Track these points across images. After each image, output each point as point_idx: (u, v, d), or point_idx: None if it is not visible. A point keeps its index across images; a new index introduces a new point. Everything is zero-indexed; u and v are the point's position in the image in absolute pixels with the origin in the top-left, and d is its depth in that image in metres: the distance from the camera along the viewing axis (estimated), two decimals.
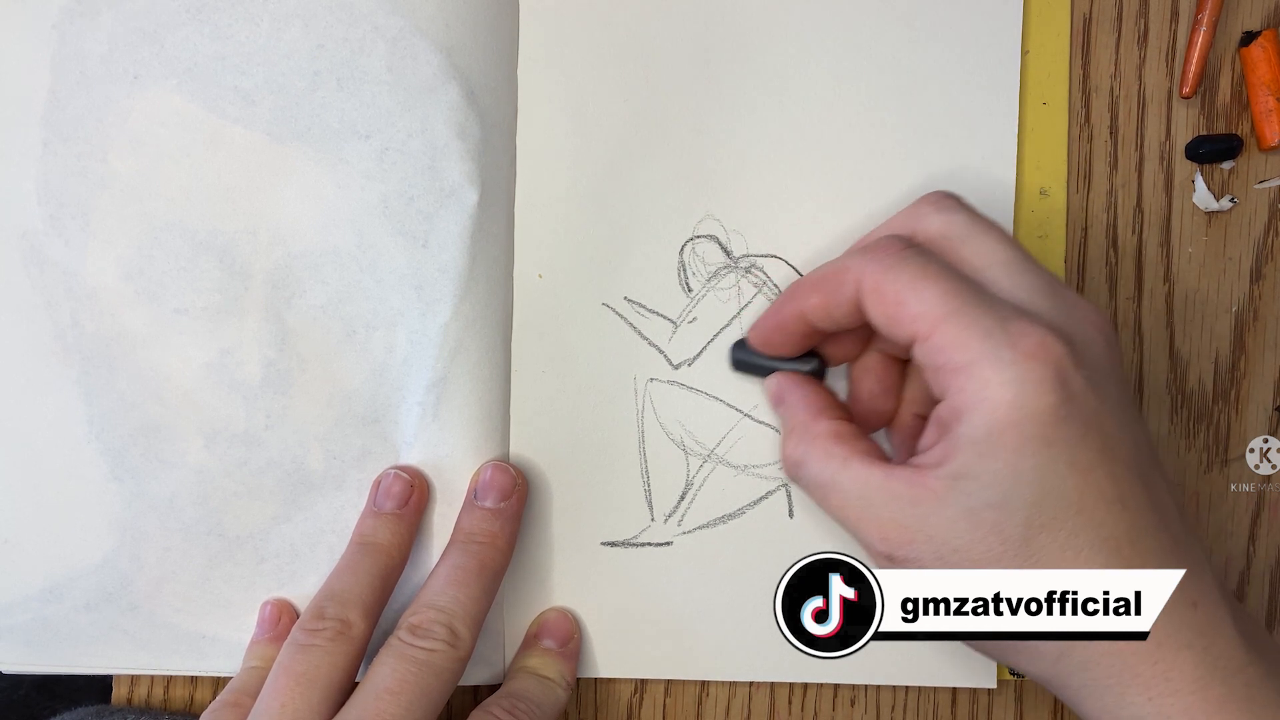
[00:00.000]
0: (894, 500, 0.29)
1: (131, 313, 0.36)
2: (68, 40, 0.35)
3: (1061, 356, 0.28)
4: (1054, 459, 0.27)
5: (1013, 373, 0.27)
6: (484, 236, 0.36)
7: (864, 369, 0.35)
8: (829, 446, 0.31)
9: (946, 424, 0.29)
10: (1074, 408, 0.27)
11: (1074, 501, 0.27)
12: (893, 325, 0.30)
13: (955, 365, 0.28)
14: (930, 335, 0.29)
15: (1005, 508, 0.27)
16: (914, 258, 0.30)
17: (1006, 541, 0.28)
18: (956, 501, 0.28)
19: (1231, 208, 0.38)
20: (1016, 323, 0.28)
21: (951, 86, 0.37)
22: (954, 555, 0.28)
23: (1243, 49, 0.37)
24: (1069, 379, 0.28)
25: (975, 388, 0.28)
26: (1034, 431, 0.27)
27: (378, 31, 0.35)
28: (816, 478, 0.31)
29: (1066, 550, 0.28)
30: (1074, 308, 0.30)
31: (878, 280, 0.30)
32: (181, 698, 0.39)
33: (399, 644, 0.32)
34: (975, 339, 0.28)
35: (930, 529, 0.28)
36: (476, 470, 0.36)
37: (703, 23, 0.37)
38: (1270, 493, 0.38)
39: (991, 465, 0.27)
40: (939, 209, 0.32)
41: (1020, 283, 0.30)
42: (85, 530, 0.37)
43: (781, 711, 0.38)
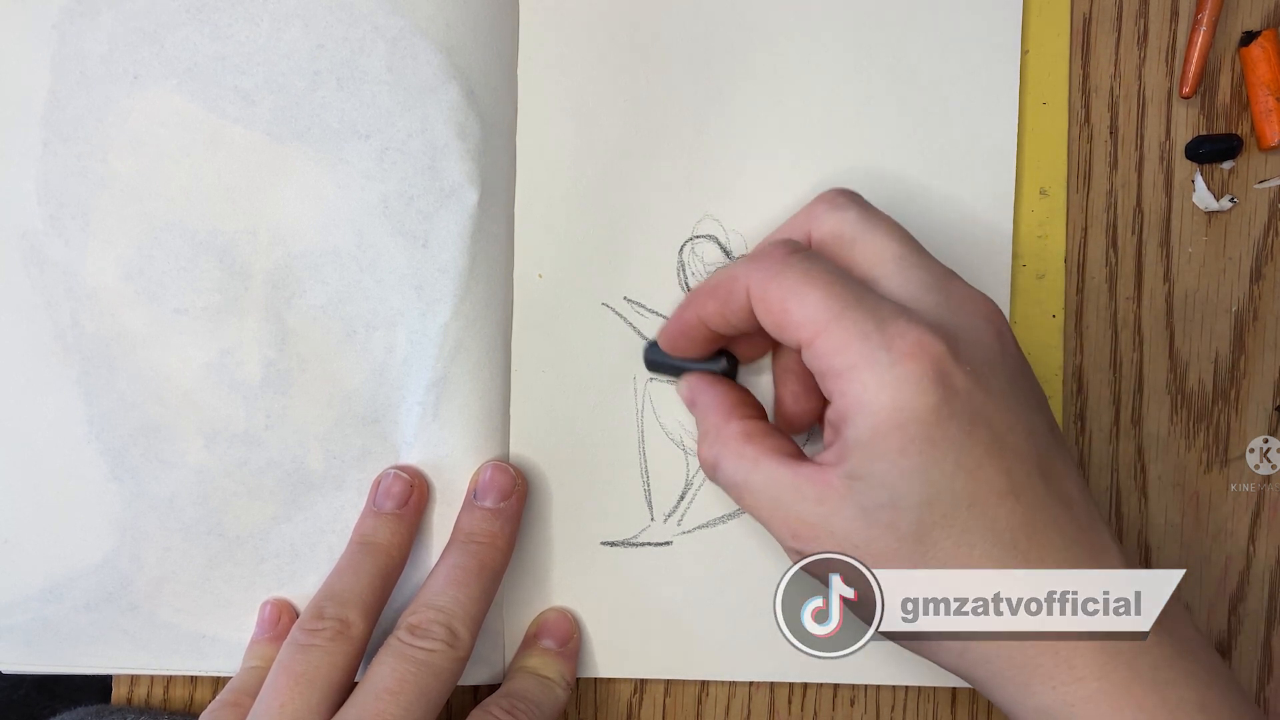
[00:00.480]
0: (801, 499, 0.29)
1: (131, 313, 0.36)
2: (68, 40, 0.35)
3: (940, 354, 0.28)
4: (940, 458, 0.27)
5: (890, 375, 0.27)
6: (484, 236, 0.36)
7: (785, 369, 0.35)
8: (740, 447, 0.31)
9: (836, 426, 0.29)
10: (957, 405, 0.28)
11: (964, 498, 0.28)
12: (780, 332, 0.30)
13: (837, 370, 0.28)
14: (813, 341, 0.29)
15: (896, 507, 0.28)
16: (798, 263, 0.30)
17: (901, 539, 0.28)
18: (853, 500, 0.28)
19: (1231, 208, 0.38)
20: (894, 323, 0.28)
21: (951, 86, 0.37)
22: (855, 551, 0.29)
23: (1243, 49, 0.37)
24: (950, 376, 0.28)
25: (856, 392, 0.28)
26: (917, 432, 0.27)
27: (378, 31, 0.35)
28: (730, 478, 0.32)
29: (960, 546, 0.28)
30: (962, 301, 0.30)
31: (763, 287, 0.30)
32: (181, 698, 0.39)
33: (398, 644, 0.32)
34: (854, 342, 0.28)
35: (833, 526, 0.29)
36: (476, 470, 0.36)
37: (703, 23, 0.37)
38: (1270, 493, 0.38)
39: (879, 467, 0.28)
40: (833, 207, 0.32)
41: (909, 277, 0.30)
42: (85, 530, 0.37)
43: (781, 711, 0.38)
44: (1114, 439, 0.38)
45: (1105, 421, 0.38)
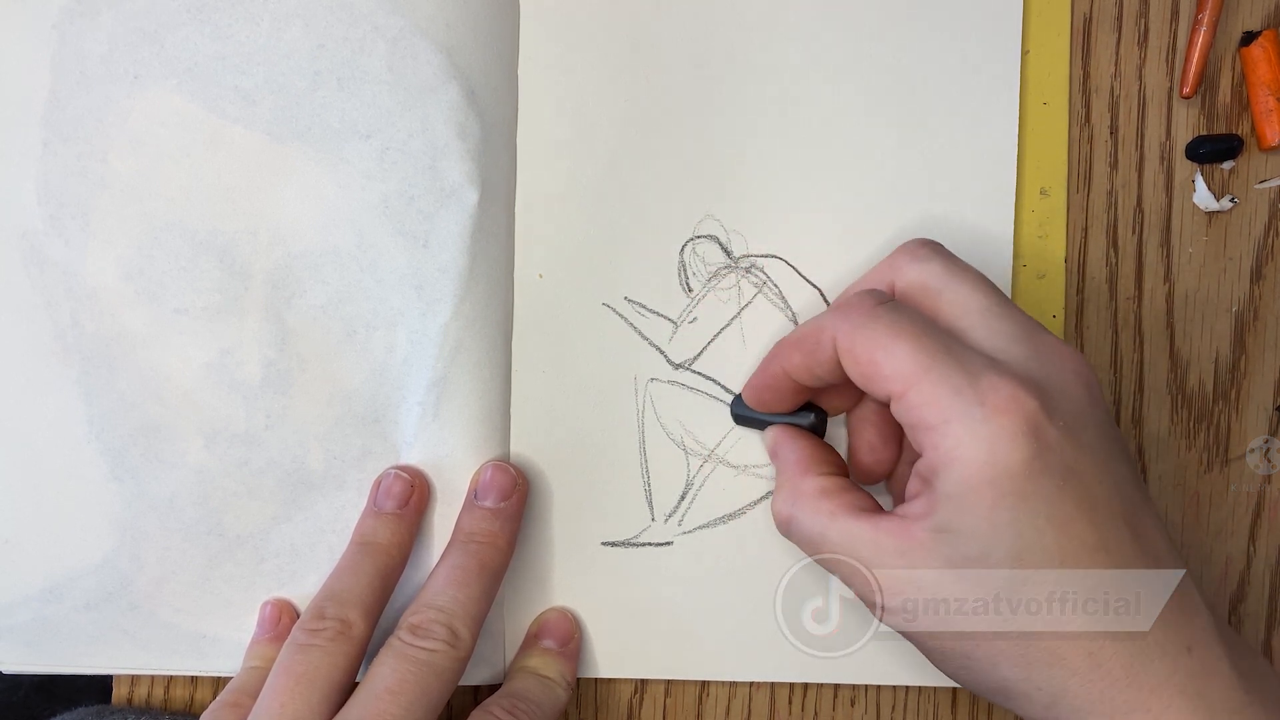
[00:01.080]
0: (882, 552, 0.29)
1: (131, 313, 0.36)
2: (68, 40, 0.35)
3: (1034, 410, 0.28)
4: (1032, 513, 0.27)
5: (984, 430, 0.27)
6: (484, 236, 0.36)
7: (862, 420, 0.35)
8: (816, 503, 0.31)
9: (926, 479, 0.29)
10: (1049, 460, 0.27)
11: (1055, 553, 0.27)
12: (869, 384, 0.30)
13: (929, 423, 0.28)
14: (904, 394, 0.29)
15: (986, 561, 0.28)
16: (885, 314, 0.30)
17: (992, 594, 0.28)
18: (942, 553, 0.28)
19: (1232, 208, 0.38)
20: (987, 377, 0.28)
21: (951, 87, 0.37)
22: (944, 605, 0.28)
23: (1243, 49, 0.37)
24: (1042, 431, 0.28)
25: (949, 446, 0.28)
26: (1009, 487, 0.27)
27: (378, 31, 0.35)
28: (807, 533, 0.32)
29: (1054, 602, 0.28)
30: (1051, 354, 0.30)
31: (850, 340, 0.30)
32: (181, 698, 0.39)
33: (399, 644, 0.32)
34: (946, 396, 0.28)
35: (919, 579, 0.29)
36: (477, 470, 0.36)
37: (703, 23, 0.37)
38: (1270, 493, 0.38)
39: (970, 520, 0.28)
40: (915, 258, 0.32)
41: (996, 329, 0.30)
42: (85, 530, 0.37)
43: (781, 711, 0.38)
44: None
45: None
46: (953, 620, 0.28)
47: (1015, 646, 0.28)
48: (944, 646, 0.29)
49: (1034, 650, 0.28)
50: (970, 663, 0.29)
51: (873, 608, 0.30)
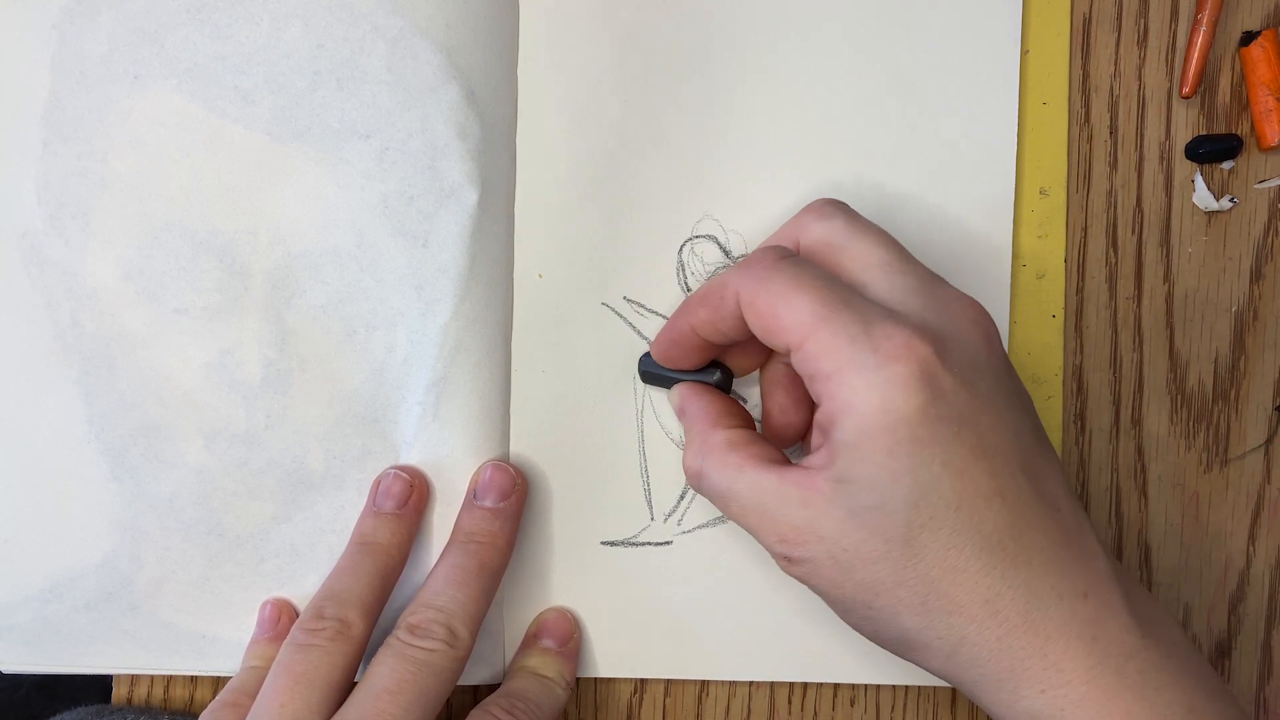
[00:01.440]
0: (787, 503, 0.29)
1: (131, 313, 0.36)
2: (68, 40, 0.35)
3: (927, 356, 0.28)
4: (927, 459, 0.27)
5: (878, 377, 0.28)
6: (484, 236, 0.36)
7: (773, 382, 0.35)
8: (724, 455, 0.31)
9: (824, 428, 0.29)
10: (944, 406, 0.28)
11: (951, 500, 0.28)
12: (770, 336, 0.30)
13: (825, 373, 0.28)
14: (802, 344, 0.29)
15: (884, 509, 0.28)
16: (787, 268, 0.30)
17: (890, 541, 0.28)
18: (841, 503, 0.28)
19: (1231, 208, 0.38)
20: (881, 325, 0.28)
21: (951, 86, 0.37)
22: (844, 554, 0.29)
23: (1243, 49, 0.37)
24: (936, 378, 0.28)
25: (844, 394, 0.28)
26: (904, 433, 0.27)
27: (378, 31, 0.35)
28: (715, 486, 0.31)
29: (950, 548, 0.28)
30: (950, 304, 0.30)
31: (753, 293, 0.30)
32: (181, 697, 0.39)
33: (398, 644, 0.32)
34: (842, 345, 0.28)
35: (821, 529, 0.29)
36: (476, 470, 0.36)
37: (702, 23, 0.37)
38: (1270, 493, 0.38)
39: (867, 469, 0.28)
40: (820, 216, 0.32)
41: (895, 283, 0.30)
42: (85, 530, 0.37)
43: (781, 711, 0.38)
44: (1114, 439, 0.38)
45: (1105, 421, 0.38)
46: (854, 570, 0.28)
47: (914, 595, 0.28)
48: (847, 597, 0.29)
49: (933, 598, 0.28)
50: (872, 613, 0.29)
51: (777, 559, 0.30)
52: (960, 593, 0.28)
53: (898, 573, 0.28)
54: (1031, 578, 0.28)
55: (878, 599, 0.29)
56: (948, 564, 0.28)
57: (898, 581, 0.28)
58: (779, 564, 0.31)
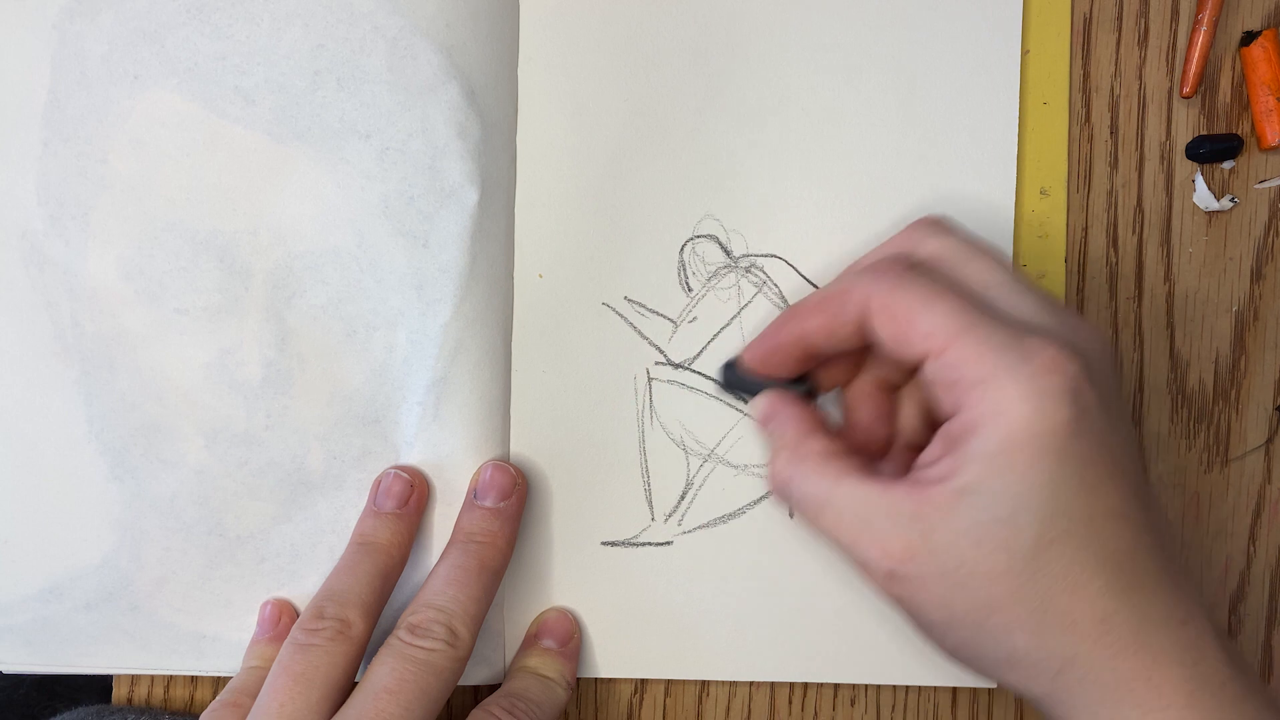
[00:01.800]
0: (893, 515, 0.29)
1: (131, 313, 0.36)
2: (68, 40, 0.35)
3: (1076, 372, 0.28)
4: (1067, 474, 0.27)
5: (1030, 387, 0.27)
6: (484, 236, 0.36)
7: (858, 397, 0.34)
8: (820, 464, 0.31)
9: (957, 438, 0.28)
10: (1087, 423, 0.27)
11: (1082, 517, 0.27)
12: (902, 343, 0.30)
13: (970, 380, 0.28)
14: (944, 351, 0.29)
15: (1014, 522, 0.27)
16: (920, 275, 0.30)
17: (1014, 555, 0.27)
18: (964, 515, 0.28)
19: (1232, 208, 0.38)
20: (1031, 338, 0.28)
21: (951, 86, 0.37)
22: (959, 570, 0.28)
23: (1243, 49, 0.37)
24: (1082, 394, 0.28)
25: (992, 401, 0.28)
26: (1050, 445, 0.27)
27: (378, 31, 0.35)
28: (809, 495, 0.31)
29: (1074, 565, 0.27)
30: (1078, 326, 0.30)
31: (886, 298, 0.30)
32: (181, 697, 0.39)
33: (398, 643, 0.32)
34: (990, 354, 0.28)
35: (934, 544, 0.28)
36: (476, 470, 0.36)
37: (703, 23, 0.37)
38: (1270, 493, 0.38)
39: (1004, 479, 0.27)
40: (934, 232, 0.32)
41: (1023, 301, 0.30)
42: (85, 530, 0.37)
43: (781, 711, 0.38)
44: None
45: None
46: (968, 585, 0.28)
47: (1031, 613, 0.28)
48: (955, 616, 0.29)
49: (1051, 615, 0.28)
50: (980, 632, 0.29)
51: (876, 575, 0.29)
52: (1078, 610, 0.28)
53: (1017, 589, 0.28)
54: (1143, 600, 0.28)
55: (991, 617, 0.28)
56: (1069, 580, 0.27)
57: (1015, 599, 0.28)
58: (875, 582, 0.30)
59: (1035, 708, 0.30)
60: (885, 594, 0.30)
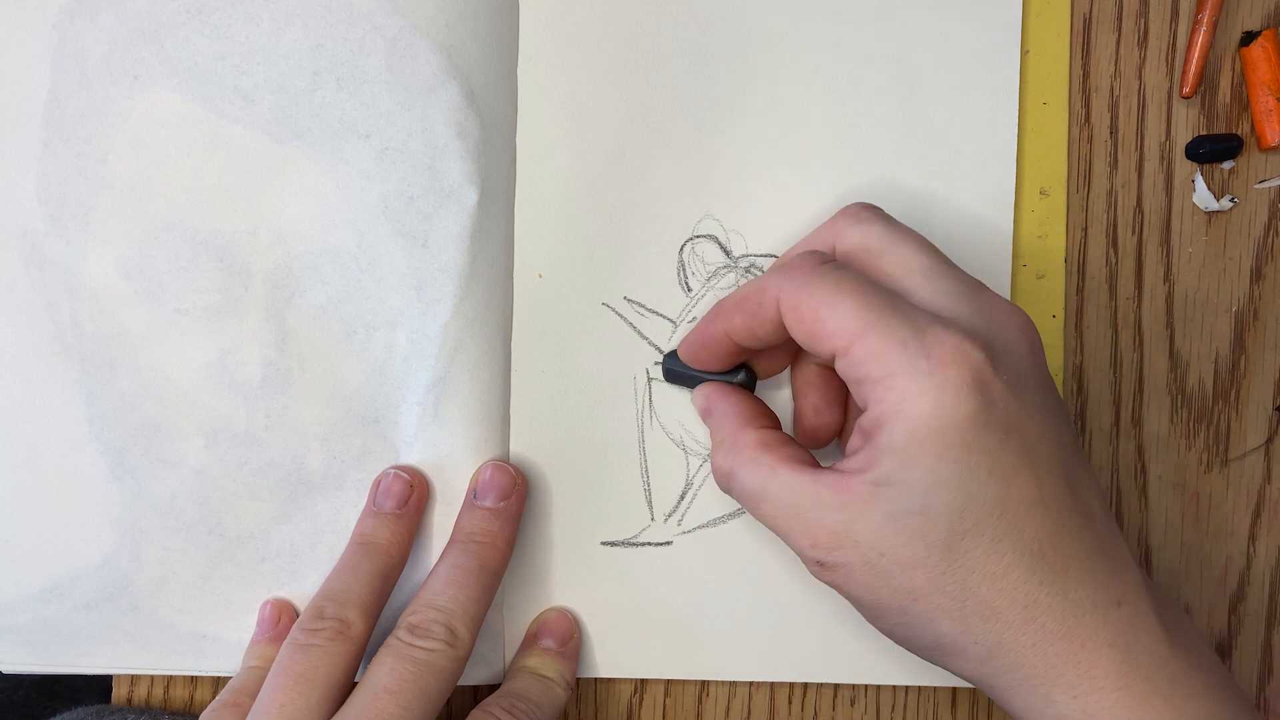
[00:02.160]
0: (821, 506, 0.29)
1: (131, 313, 0.36)
2: (68, 40, 0.35)
3: (979, 363, 0.28)
4: (975, 465, 0.27)
5: (930, 382, 0.27)
6: (484, 236, 0.36)
7: (806, 384, 0.35)
8: (756, 455, 0.31)
9: (869, 433, 0.29)
10: (993, 413, 0.28)
11: (996, 506, 0.28)
12: (813, 341, 0.30)
13: (874, 377, 0.28)
14: (849, 349, 0.29)
15: (928, 514, 0.28)
16: (829, 273, 0.30)
17: (931, 546, 0.28)
18: (881, 507, 0.28)
19: (1231, 208, 0.38)
20: (932, 331, 0.28)
21: (951, 86, 0.37)
22: (880, 559, 0.28)
23: (1243, 49, 0.37)
24: (987, 385, 0.28)
25: (894, 399, 0.28)
26: (954, 439, 0.27)
27: (377, 31, 0.35)
28: (746, 487, 0.31)
29: (990, 554, 0.28)
30: (994, 310, 0.30)
31: (795, 298, 0.30)
32: (181, 698, 0.39)
33: (398, 644, 0.32)
34: (892, 350, 0.28)
35: (856, 534, 0.28)
36: (476, 470, 0.36)
37: (703, 23, 0.37)
38: (1270, 493, 0.38)
39: (913, 473, 0.28)
40: (856, 221, 0.32)
41: (939, 288, 0.30)
42: (85, 530, 0.37)
43: (781, 711, 0.38)
44: (1114, 439, 0.38)
45: (1105, 421, 0.38)
46: (891, 575, 0.28)
47: (952, 600, 0.28)
48: (881, 602, 0.29)
49: (971, 604, 0.28)
50: (907, 619, 0.29)
51: (808, 563, 0.30)
52: (999, 598, 0.28)
53: (936, 578, 0.28)
54: (1069, 585, 0.28)
55: (914, 604, 0.29)
56: (988, 570, 0.28)
57: (935, 587, 0.28)
58: (809, 568, 0.30)
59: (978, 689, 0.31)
60: (820, 579, 0.30)
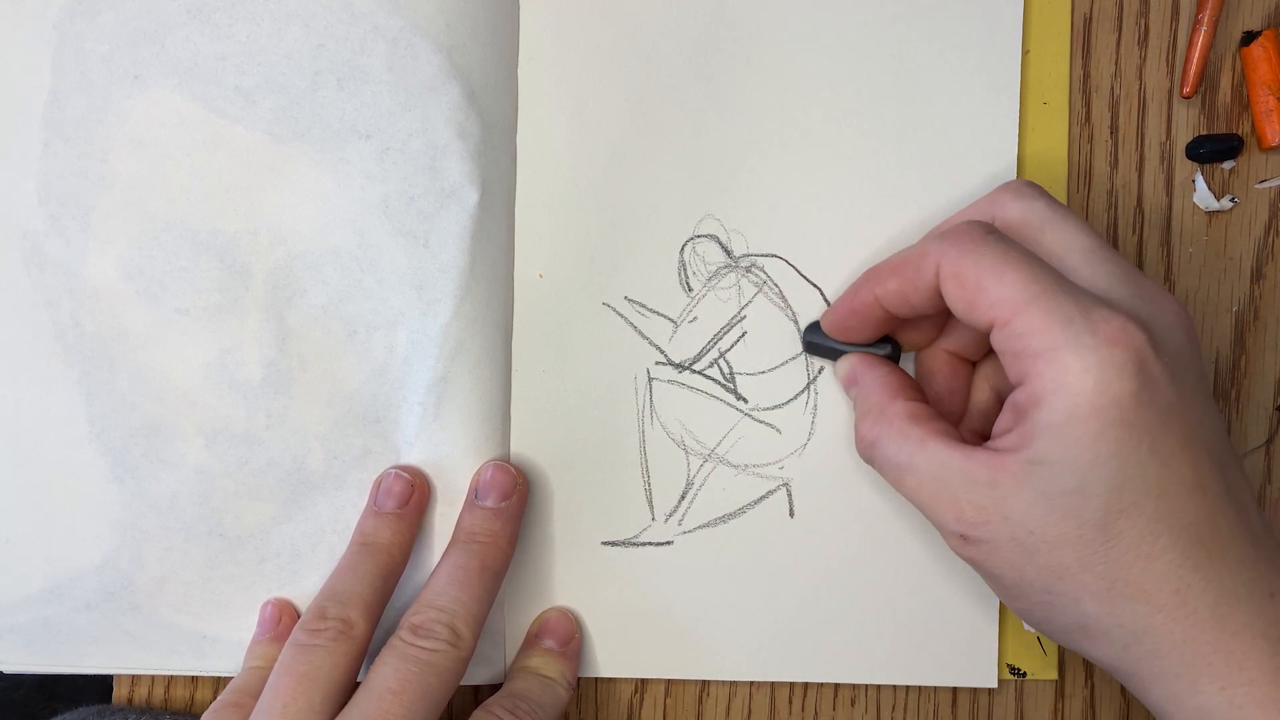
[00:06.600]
0: (970, 482, 0.29)
1: (132, 313, 0.36)
2: (68, 40, 0.35)
3: (1142, 344, 0.28)
4: (1135, 445, 0.27)
5: (1094, 359, 0.27)
6: (484, 236, 0.36)
7: (930, 370, 0.35)
8: (905, 427, 0.31)
9: (1024, 409, 0.29)
10: (1154, 394, 0.28)
11: (1154, 487, 0.27)
12: (971, 310, 0.30)
13: (1035, 351, 0.28)
14: (1010, 321, 0.29)
15: (1083, 493, 0.27)
16: (995, 242, 0.30)
17: (1084, 526, 0.28)
18: (1034, 485, 0.28)
19: (1232, 208, 0.38)
20: (1098, 310, 0.28)
21: (951, 86, 0.37)
22: (1029, 538, 0.28)
23: (1243, 48, 0.38)
24: (1149, 366, 0.28)
25: (1056, 373, 0.28)
26: (1115, 417, 0.27)
27: (378, 31, 0.35)
28: (893, 458, 0.31)
29: (1145, 536, 0.28)
30: (1154, 297, 0.30)
31: (957, 265, 0.30)
32: (182, 698, 0.39)
33: (401, 644, 0.32)
34: (1056, 325, 0.28)
35: (1006, 511, 0.28)
36: (477, 470, 0.36)
37: (703, 23, 0.37)
38: (1271, 493, 0.38)
39: (1071, 451, 0.27)
40: (1018, 196, 0.32)
41: (1100, 270, 0.30)
42: (86, 530, 0.37)
43: (781, 711, 0.38)
44: None
45: None
46: (1038, 553, 0.28)
47: (1100, 581, 0.28)
48: (1025, 580, 0.29)
49: (1120, 584, 0.28)
50: (1050, 598, 0.29)
51: (950, 537, 0.30)
52: (1150, 580, 0.28)
53: (1087, 557, 0.28)
54: (1223, 572, 0.28)
55: (1059, 583, 0.28)
56: (1141, 551, 0.28)
57: (1084, 566, 0.28)
58: (951, 543, 0.30)
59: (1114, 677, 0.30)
60: (960, 555, 0.30)
